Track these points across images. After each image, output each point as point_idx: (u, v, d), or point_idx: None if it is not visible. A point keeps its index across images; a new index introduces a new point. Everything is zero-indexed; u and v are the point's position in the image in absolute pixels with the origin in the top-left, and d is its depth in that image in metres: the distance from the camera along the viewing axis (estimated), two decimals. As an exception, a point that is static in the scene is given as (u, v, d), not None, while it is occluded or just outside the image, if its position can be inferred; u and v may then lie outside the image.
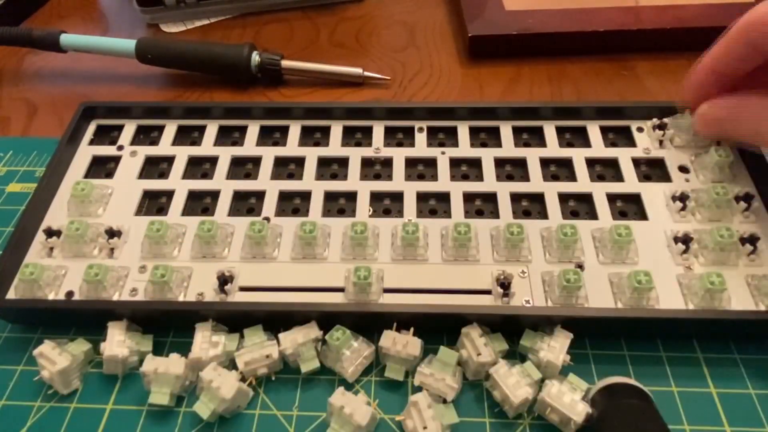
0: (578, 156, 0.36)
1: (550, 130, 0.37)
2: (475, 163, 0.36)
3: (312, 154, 0.37)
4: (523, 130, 0.38)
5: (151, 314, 0.30)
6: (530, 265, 0.31)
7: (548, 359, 0.27)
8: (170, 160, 0.37)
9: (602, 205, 0.33)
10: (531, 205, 0.35)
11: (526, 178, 0.35)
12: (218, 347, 0.29)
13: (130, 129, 0.39)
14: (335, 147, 0.37)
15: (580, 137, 0.38)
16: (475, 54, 0.47)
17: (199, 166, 0.37)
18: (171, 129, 0.39)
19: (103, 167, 0.37)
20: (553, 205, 0.34)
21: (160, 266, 0.30)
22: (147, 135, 0.39)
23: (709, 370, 0.29)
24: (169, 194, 0.35)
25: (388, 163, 0.36)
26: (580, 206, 0.34)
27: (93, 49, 0.46)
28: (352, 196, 0.35)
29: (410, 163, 0.36)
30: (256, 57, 0.45)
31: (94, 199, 0.34)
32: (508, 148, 0.37)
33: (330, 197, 0.35)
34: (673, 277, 0.30)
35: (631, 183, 0.35)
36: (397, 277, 0.31)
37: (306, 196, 0.35)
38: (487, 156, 0.36)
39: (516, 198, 0.34)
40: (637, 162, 0.36)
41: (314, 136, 0.39)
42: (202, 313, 0.29)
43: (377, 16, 0.53)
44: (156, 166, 0.37)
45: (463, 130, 0.38)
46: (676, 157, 0.36)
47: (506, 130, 0.38)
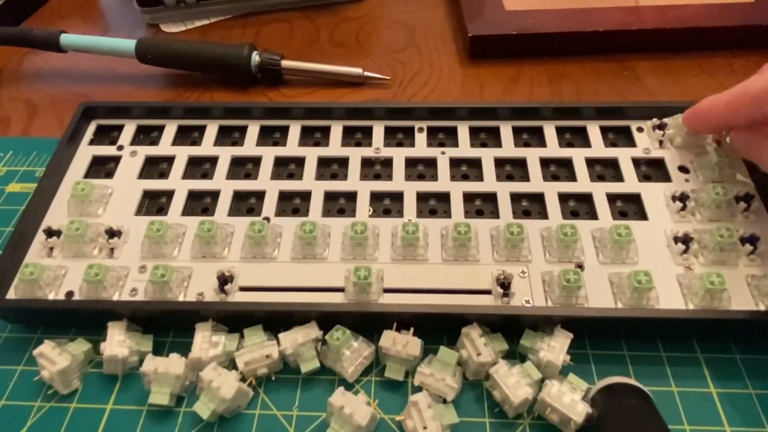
0: (578, 156, 0.36)
1: (550, 130, 0.37)
2: (475, 163, 0.36)
3: (312, 154, 0.37)
4: (523, 130, 0.38)
5: (151, 314, 0.30)
6: (530, 265, 0.31)
7: (548, 359, 0.27)
8: (170, 160, 0.37)
9: (602, 205, 0.33)
10: (531, 205, 0.35)
11: (526, 178, 0.35)
12: (218, 347, 0.29)
13: (130, 129, 0.39)
14: (335, 147, 0.37)
15: (580, 137, 0.38)
16: (475, 54, 0.47)
17: (199, 166, 0.37)
18: (171, 129, 0.39)
19: (103, 167, 0.37)
20: (553, 205, 0.34)
21: (160, 266, 0.30)
22: (147, 135, 0.39)
23: (709, 370, 0.29)
24: (169, 194, 0.35)
25: (388, 163, 0.36)
26: (580, 206, 0.34)
27: (93, 49, 0.46)
28: (352, 196, 0.35)
29: (410, 163, 0.36)
30: (256, 57, 0.45)
31: (94, 199, 0.34)
32: (508, 148, 0.37)
33: (330, 197, 0.35)
34: (673, 277, 0.30)
35: (631, 183, 0.35)
36: (397, 277, 0.31)
37: (306, 196, 0.35)
38: (487, 156, 0.36)
39: (516, 198, 0.34)
40: (637, 162, 0.36)
41: (314, 136, 0.39)
42: (202, 313, 0.29)
43: (377, 16, 0.53)
44: (156, 166, 0.37)
45: (463, 130, 0.38)
46: (676, 157, 0.36)
47: (506, 130, 0.38)
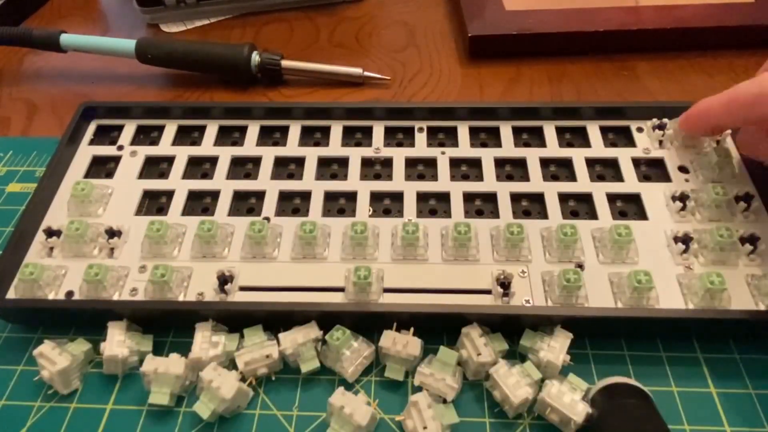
0: (578, 156, 0.36)
1: (549, 130, 0.37)
2: (475, 163, 0.36)
3: (312, 154, 0.37)
4: (523, 130, 0.38)
5: (151, 314, 0.30)
6: (530, 265, 0.31)
7: (548, 359, 0.27)
8: (170, 160, 0.37)
9: (602, 205, 0.33)
10: (531, 205, 0.35)
11: (526, 178, 0.35)
12: (218, 347, 0.29)
13: (130, 129, 0.39)
14: (335, 147, 0.37)
15: (580, 137, 0.38)
16: (475, 54, 0.47)
17: (199, 166, 0.37)
18: (171, 129, 0.39)
19: (103, 167, 0.37)
20: (553, 205, 0.34)
21: (160, 266, 0.30)
22: (147, 135, 0.39)
23: (709, 370, 0.29)
24: (169, 194, 0.35)
25: (388, 163, 0.36)
26: (580, 206, 0.34)
27: (93, 49, 0.46)
28: (352, 196, 0.35)
29: (410, 163, 0.36)
30: (256, 57, 0.45)
31: (94, 199, 0.34)
32: (508, 148, 0.37)
33: (330, 197, 0.35)
34: (673, 277, 0.30)
35: (631, 183, 0.35)
36: (397, 277, 0.31)
37: (306, 196, 0.35)
38: (487, 156, 0.36)
39: (516, 198, 0.34)
40: (637, 162, 0.36)
41: (314, 136, 0.39)
42: (202, 313, 0.29)
43: (377, 16, 0.53)
44: (156, 166, 0.37)
45: (463, 130, 0.38)
46: (676, 157, 0.36)
47: (506, 130, 0.38)
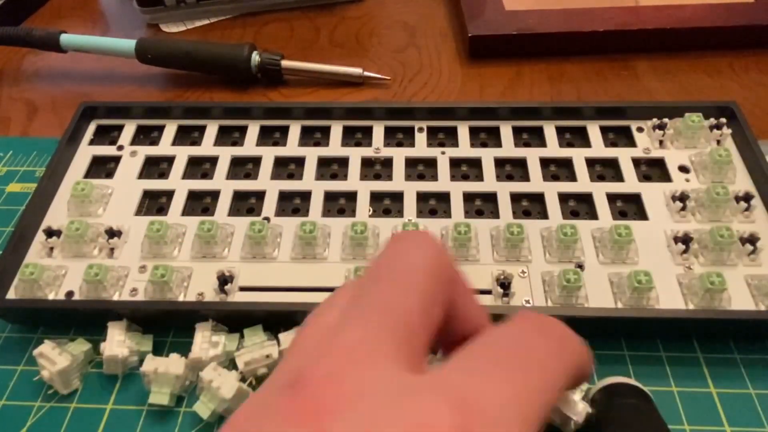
0: (578, 156, 0.36)
1: (550, 130, 0.37)
2: (475, 163, 0.36)
3: (312, 154, 0.37)
4: (523, 130, 0.38)
5: (151, 314, 0.30)
6: (530, 265, 0.31)
7: (548, 359, 0.27)
8: (170, 160, 0.37)
9: (602, 205, 0.33)
10: (531, 205, 0.35)
11: (526, 178, 0.35)
12: (218, 347, 0.29)
13: (130, 129, 0.39)
14: (335, 147, 0.37)
15: (580, 137, 0.37)
16: (475, 54, 0.47)
17: (199, 166, 0.37)
18: (171, 129, 0.39)
19: (103, 167, 0.37)
20: (553, 205, 0.34)
21: (160, 266, 0.30)
22: (147, 135, 0.39)
23: (709, 370, 0.29)
24: (169, 194, 0.35)
25: (388, 163, 0.36)
26: (580, 206, 0.34)
27: (93, 49, 0.45)
28: (352, 196, 0.35)
29: (410, 163, 0.36)
30: (256, 57, 0.45)
31: (94, 199, 0.34)
32: (508, 148, 0.37)
33: (330, 197, 0.35)
34: (673, 277, 0.30)
35: (631, 183, 0.35)
36: (397, 277, 0.30)
37: (306, 196, 0.35)
38: (487, 156, 0.36)
39: (516, 198, 0.34)
40: (637, 162, 0.36)
41: (314, 136, 0.39)
42: (202, 313, 0.29)
43: (377, 16, 0.53)
44: (156, 166, 0.37)
45: (463, 130, 0.38)
46: (676, 157, 0.35)
47: (506, 130, 0.38)
